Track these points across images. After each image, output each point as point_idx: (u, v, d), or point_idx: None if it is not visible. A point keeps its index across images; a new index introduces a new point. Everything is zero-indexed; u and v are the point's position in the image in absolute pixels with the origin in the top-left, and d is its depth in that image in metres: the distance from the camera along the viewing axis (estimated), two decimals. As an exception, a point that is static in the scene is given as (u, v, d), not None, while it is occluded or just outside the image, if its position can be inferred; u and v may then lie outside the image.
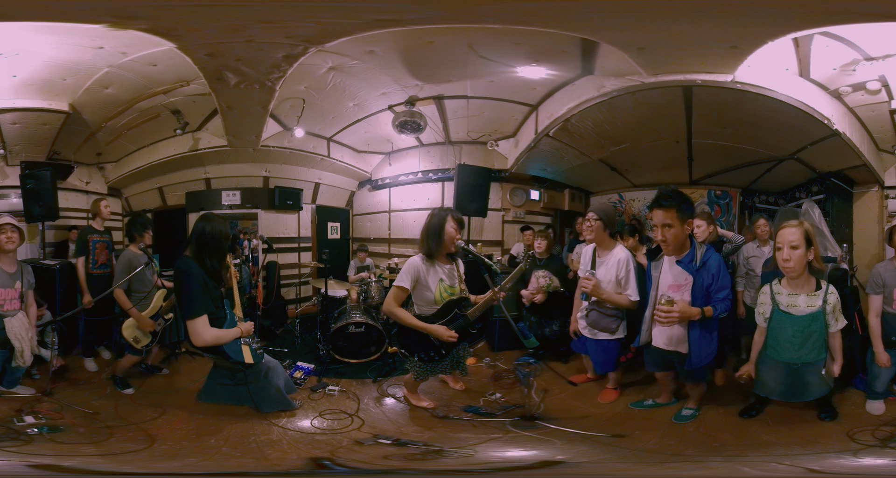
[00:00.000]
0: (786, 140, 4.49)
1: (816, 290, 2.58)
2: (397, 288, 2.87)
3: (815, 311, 2.55)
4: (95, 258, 3.94)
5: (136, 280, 3.43)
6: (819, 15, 3.09)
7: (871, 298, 2.93)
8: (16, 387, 3.21)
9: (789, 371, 2.65)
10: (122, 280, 3.36)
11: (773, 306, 2.65)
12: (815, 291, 2.57)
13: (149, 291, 3.50)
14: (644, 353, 3.01)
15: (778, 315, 2.62)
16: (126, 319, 3.33)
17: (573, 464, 2.58)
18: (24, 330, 3.12)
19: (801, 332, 2.57)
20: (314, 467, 2.48)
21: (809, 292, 2.57)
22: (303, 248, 5.76)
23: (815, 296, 2.56)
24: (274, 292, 4.93)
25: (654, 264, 2.86)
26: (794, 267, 2.51)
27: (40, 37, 3.46)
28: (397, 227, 5.87)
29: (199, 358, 3.81)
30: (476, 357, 4.12)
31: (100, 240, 3.99)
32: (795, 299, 2.59)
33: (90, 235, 3.96)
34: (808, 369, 2.62)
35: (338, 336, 4.09)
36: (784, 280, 2.65)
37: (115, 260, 3.83)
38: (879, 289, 2.91)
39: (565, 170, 5.66)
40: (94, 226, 4.07)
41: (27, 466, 2.43)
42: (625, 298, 3.10)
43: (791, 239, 2.49)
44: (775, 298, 2.64)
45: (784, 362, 2.64)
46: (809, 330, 2.56)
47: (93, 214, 4.18)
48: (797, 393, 2.70)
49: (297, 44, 3.47)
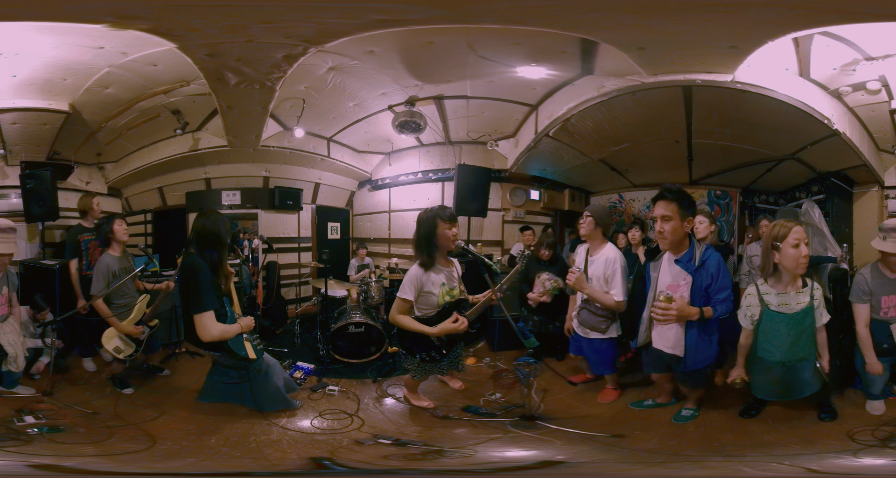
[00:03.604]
0: (786, 140, 4.49)
1: (803, 287, 2.61)
2: (401, 299, 2.86)
3: (806, 307, 2.58)
4: (89, 259, 3.84)
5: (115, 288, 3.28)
6: (819, 15, 3.09)
7: (857, 307, 2.85)
8: (16, 387, 3.20)
9: (784, 371, 2.65)
10: (101, 290, 3.22)
11: (762, 308, 2.64)
12: (802, 288, 2.61)
13: (130, 299, 3.41)
14: (642, 354, 3.00)
15: (769, 316, 2.62)
16: (106, 330, 3.23)
17: (573, 464, 2.58)
18: (15, 335, 3.12)
19: (795, 329, 2.59)
20: (314, 467, 2.48)
21: (797, 290, 2.60)
22: (303, 248, 5.76)
23: (804, 292, 2.60)
24: (274, 292, 4.93)
25: (652, 264, 2.85)
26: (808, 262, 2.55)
27: (40, 37, 3.46)
28: (397, 227, 5.87)
29: (199, 358, 3.81)
30: (476, 357, 4.12)
31: (92, 239, 3.88)
32: (786, 298, 2.60)
33: (81, 234, 3.86)
34: (802, 365, 2.64)
35: (338, 336, 4.09)
36: (771, 280, 2.65)
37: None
38: (866, 297, 2.84)
39: (565, 170, 5.66)
40: (84, 225, 3.97)
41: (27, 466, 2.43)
42: (609, 297, 3.08)
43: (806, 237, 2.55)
44: (763, 298, 2.63)
45: (778, 362, 2.64)
46: (802, 326, 2.59)
47: (83, 211, 4.04)
48: (794, 391, 2.70)
49: (297, 44, 3.47)
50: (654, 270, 2.83)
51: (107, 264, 3.34)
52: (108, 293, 3.27)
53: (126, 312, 3.34)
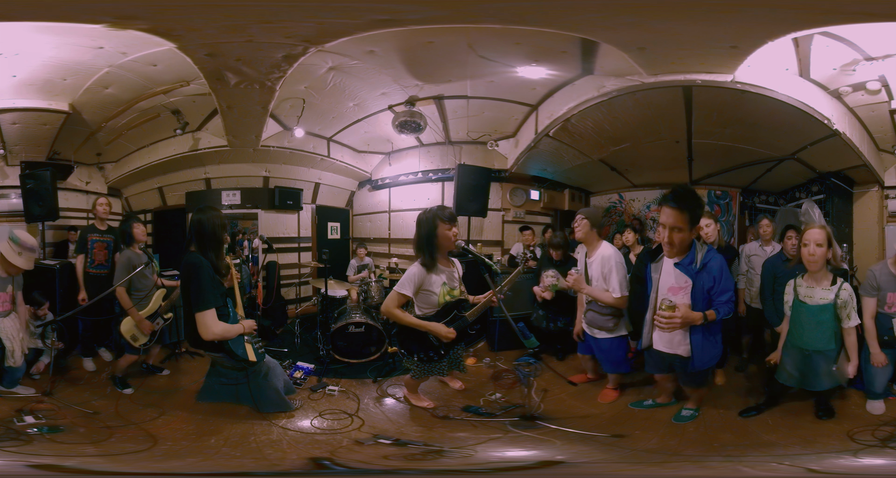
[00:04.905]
0: (786, 140, 4.49)
1: (832, 285, 2.82)
2: (398, 293, 2.86)
3: (827, 303, 2.80)
4: (93, 258, 3.95)
5: (136, 279, 3.44)
6: (819, 15, 3.09)
7: (866, 300, 3.03)
8: (16, 387, 3.21)
9: (803, 357, 2.86)
10: (123, 279, 3.37)
11: (794, 297, 2.93)
12: (830, 286, 2.83)
13: (149, 291, 3.51)
14: (644, 354, 2.99)
15: (797, 304, 2.91)
16: (125, 317, 3.34)
17: (573, 464, 2.58)
18: (15, 330, 3.17)
19: (813, 320, 2.82)
20: (314, 467, 2.48)
21: (825, 287, 2.83)
22: (303, 248, 5.76)
23: (829, 291, 2.82)
24: (274, 292, 4.93)
25: (653, 266, 2.82)
26: (817, 261, 2.78)
27: (40, 37, 3.46)
28: (397, 227, 5.87)
29: (199, 358, 3.81)
30: (476, 357, 4.12)
31: (99, 240, 3.98)
32: (812, 291, 2.85)
33: (90, 234, 3.98)
34: (819, 357, 2.81)
35: (338, 336, 4.09)
36: (806, 275, 2.90)
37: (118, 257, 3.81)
38: (874, 291, 3.01)
39: (565, 170, 5.66)
40: (96, 225, 4.07)
41: (27, 466, 2.43)
42: (607, 294, 3.11)
43: (817, 238, 2.78)
44: (797, 289, 2.93)
45: (799, 347, 2.87)
46: (819, 319, 2.81)
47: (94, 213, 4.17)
48: (809, 381, 2.85)
49: (297, 44, 3.47)
50: (654, 271, 2.80)
51: (128, 258, 3.50)
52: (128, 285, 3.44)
53: (144, 303, 3.44)
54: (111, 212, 4.18)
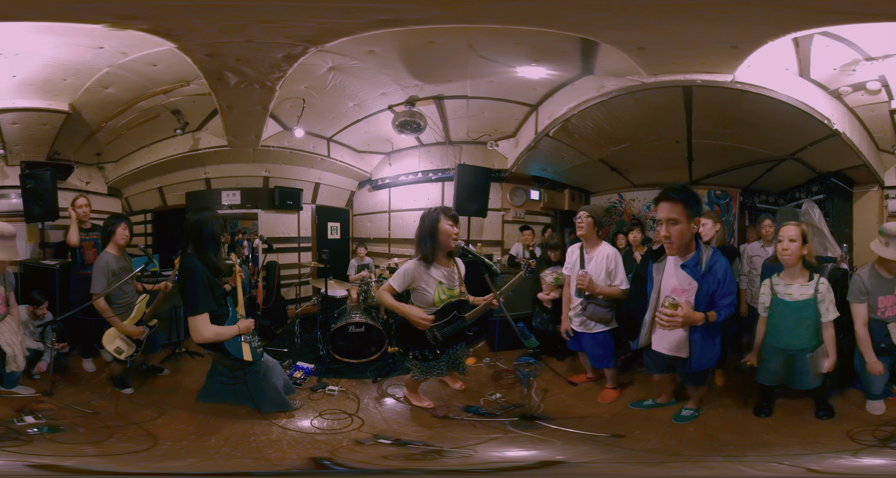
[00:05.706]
0: (786, 140, 4.49)
1: (809, 280, 2.82)
2: (389, 284, 2.93)
3: (808, 298, 2.79)
4: (82, 258, 3.84)
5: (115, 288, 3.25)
6: (819, 15, 3.09)
7: (855, 306, 2.91)
8: (16, 387, 3.20)
9: (786, 358, 2.83)
10: (102, 287, 3.18)
11: (772, 296, 2.90)
12: (808, 281, 2.82)
13: (130, 299, 3.39)
14: (644, 355, 2.99)
15: (776, 302, 2.88)
16: (107, 330, 3.21)
17: (573, 464, 2.58)
18: (13, 335, 3.10)
19: (795, 316, 2.80)
20: (314, 467, 2.48)
21: (803, 283, 2.82)
22: (303, 248, 5.76)
23: (808, 286, 2.81)
24: (274, 292, 4.93)
25: (656, 266, 2.77)
26: (791, 256, 2.78)
27: (40, 37, 3.46)
28: (397, 227, 5.86)
29: (199, 358, 3.81)
30: (476, 357, 4.12)
31: (85, 239, 3.88)
32: (791, 288, 2.83)
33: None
34: (802, 355, 2.80)
35: (338, 336, 4.09)
36: (782, 273, 2.89)
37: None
38: (863, 297, 2.90)
39: (565, 170, 5.65)
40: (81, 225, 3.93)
41: (27, 466, 2.43)
42: (616, 288, 3.20)
43: (790, 234, 2.79)
44: (774, 288, 2.90)
45: (781, 347, 2.84)
46: (802, 315, 2.79)
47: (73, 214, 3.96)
48: (793, 380, 2.84)
49: (297, 44, 3.47)
50: (657, 272, 2.76)
51: (106, 262, 3.30)
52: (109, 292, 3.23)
53: (126, 313, 3.32)
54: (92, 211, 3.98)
